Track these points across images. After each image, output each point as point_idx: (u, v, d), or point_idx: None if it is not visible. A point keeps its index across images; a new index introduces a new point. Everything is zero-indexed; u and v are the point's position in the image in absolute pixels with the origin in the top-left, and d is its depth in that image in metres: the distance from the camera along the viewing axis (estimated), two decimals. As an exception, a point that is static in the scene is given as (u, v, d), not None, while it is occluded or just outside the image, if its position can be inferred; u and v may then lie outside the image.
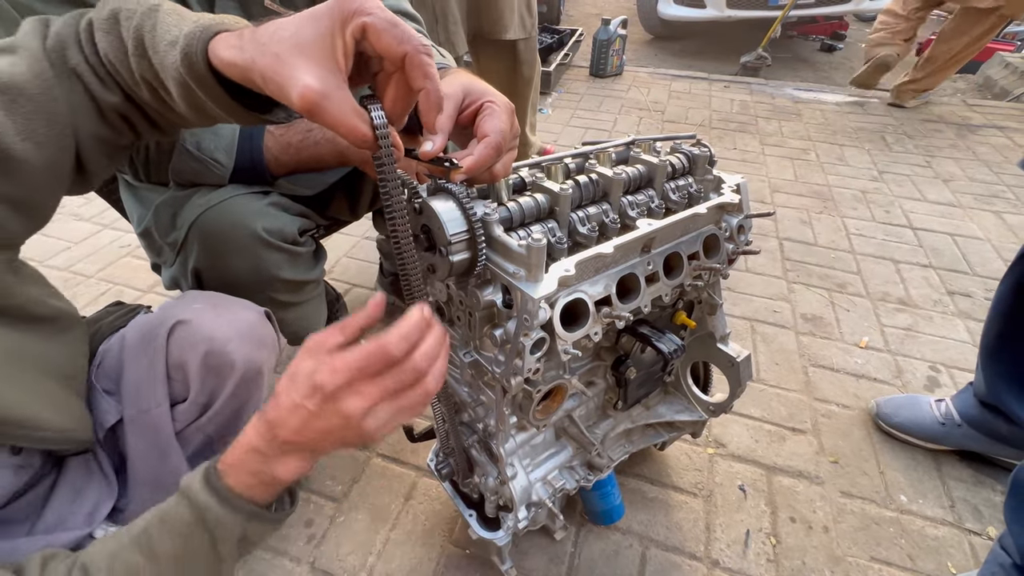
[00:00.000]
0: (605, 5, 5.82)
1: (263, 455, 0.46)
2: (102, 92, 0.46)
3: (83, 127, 0.47)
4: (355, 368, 0.41)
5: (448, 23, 1.54)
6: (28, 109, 0.42)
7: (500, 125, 0.52)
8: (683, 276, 0.69)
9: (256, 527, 0.48)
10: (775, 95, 3.00)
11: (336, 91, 0.37)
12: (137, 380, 0.66)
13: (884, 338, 1.41)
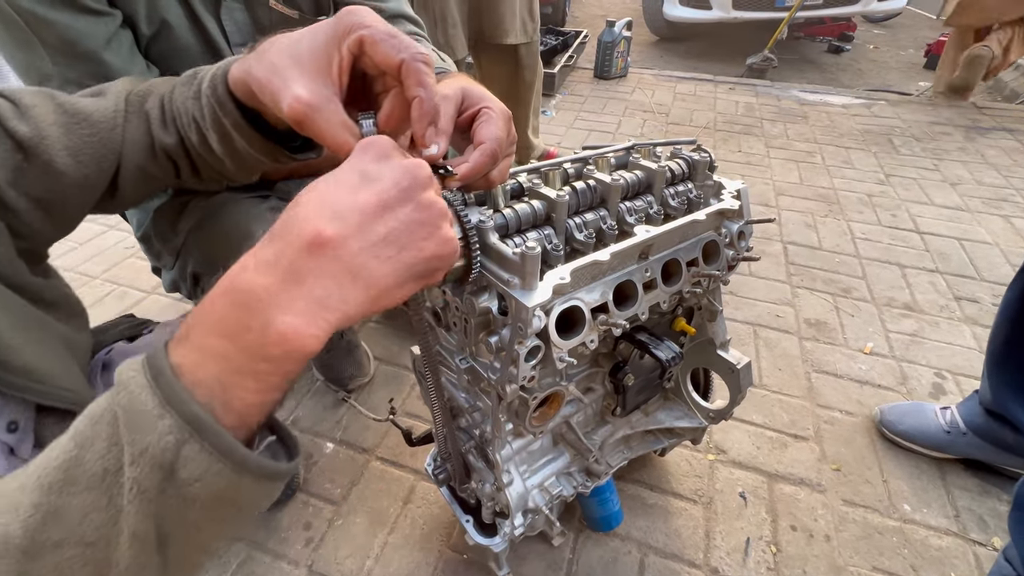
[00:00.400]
0: (611, 6, 5.81)
1: (257, 291, 0.28)
2: (161, 132, 0.51)
3: (132, 158, 0.52)
4: None
5: (447, 26, 1.54)
6: (86, 133, 0.48)
7: (496, 132, 0.51)
8: (682, 283, 0.69)
9: (193, 450, 0.26)
10: (781, 97, 2.98)
11: (326, 103, 0.37)
12: None
13: (889, 344, 1.39)
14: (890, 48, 4.51)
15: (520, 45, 1.71)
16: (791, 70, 3.83)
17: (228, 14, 0.76)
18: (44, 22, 0.59)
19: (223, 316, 0.29)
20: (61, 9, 0.60)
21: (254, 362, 0.28)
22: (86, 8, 0.62)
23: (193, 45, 0.76)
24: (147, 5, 0.69)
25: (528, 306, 0.49)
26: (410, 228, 0.32)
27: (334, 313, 0.29)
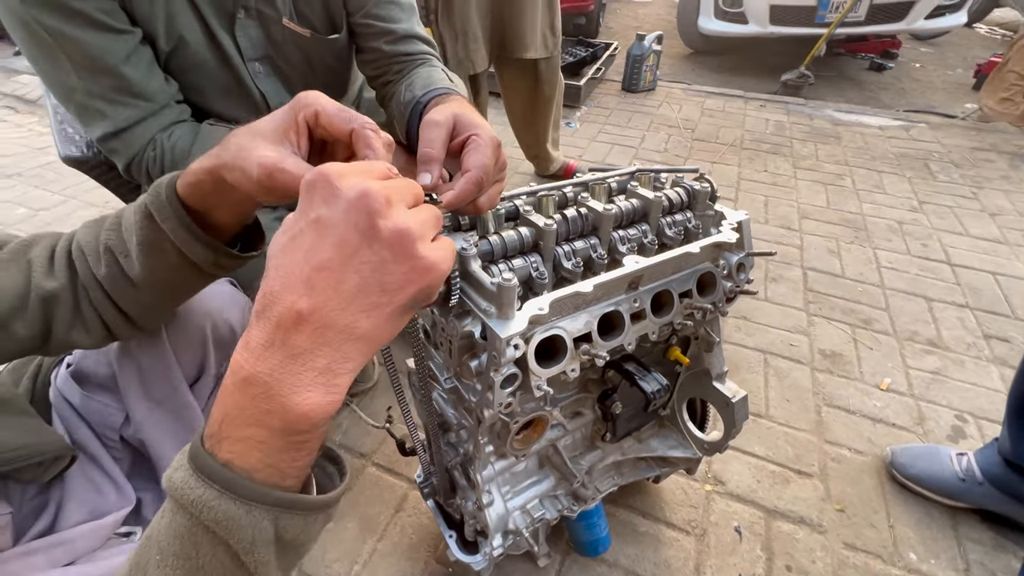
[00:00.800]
0: (646, 18, 5.77)
1: (263, 379, 0.30)
2: (42, 280, 0.50)
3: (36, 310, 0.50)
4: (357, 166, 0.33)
5: (469, 40, 1.57)
6: None
7: (483, 160, 0.52)
8: (673, 315, 0.68)
9: (288, 520, 0.32)
10: (813, 116, 2.90)
11: (290, 157, 0.40)
12: (140, 381, 0.68)
13: (908, 381, 1.34)
14: (937, 67, 4.34)
15: (540, 59, 1.72)
16: (828, 88, 3.72)
17: (242, 31, 0.80)
18: (70, 39, 0.63)
19: (245, 407, 0.31)
20: (84, 27, 0.65)
21: (288, 438, 0.31)
22: (108, 26, 0.67)
23: (209, 60, 0.79)
24: (165, 23, 0.73)
25: (502, 336, 0.49)
26: (382, 269, 0.31)
27: (342, 375, 0.31)
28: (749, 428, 1.20)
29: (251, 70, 0.84)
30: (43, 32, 0.63)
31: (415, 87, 0.80)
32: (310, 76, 0.90)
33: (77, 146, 0.86)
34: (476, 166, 0.52)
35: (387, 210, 0.30)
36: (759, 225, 1.95)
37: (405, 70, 0.87)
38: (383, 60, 0.88)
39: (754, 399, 1.27)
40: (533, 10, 1.62)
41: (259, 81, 0.86)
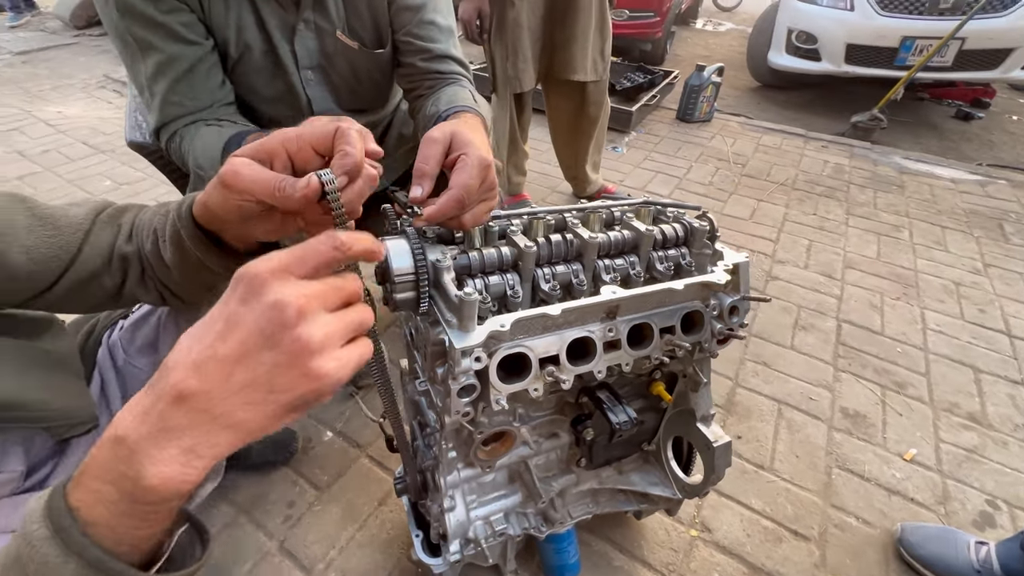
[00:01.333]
0: (717, 48, 5.68)
1: (131, 442, 0.31)
2: (123, 243, 0.57)
3: (87, 263, 0.56)
4: (291, 259, 0.34)
5: (518, 60, 1.63)
6: (47, 234, 0.52)
7: (466, 180, 0.55)
8: (651, 349, 0.68)
9: None
10: (879, 162, 2.75)
11: (256, 164, 0.43)
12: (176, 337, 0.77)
13: (937, 455, 1.23)
14: (1034, 121, 3.99)
15: (589, 82, 1.75)
16: (904, 133, 3.51)
17: (301, 41, 0.88)
18: (151, 47, 0.73)
19: (105, 462, 0.31)
20: (165, 38, 0.75)
21: (135, 505, 0.31)
22: (184, 38, 0.77)
23: (266, 67, 0.88)
24: (236, 34, 0.82)
25: (457, 347, 0.52)
26: (274, 372, 0.32)
27: (204, 459, 0.31)
28: (748, 479, 1.15)
29: (303, 77, 0.92)
30: (132, 39, 0.74)
31: (440, 103, 0.86)
32: (355, 86, 0.97)
33: (142, 133, 0.97)
34: (459, 185, 0.55)
35: (296, 321, 0.32)
36: (796, 270, 1.87)
37: (436, 87, 0.93)
38: (417, 75, 0.94)
39: (759, 449, 1.22)
40: (584, 36, 1.65)
41: (309, 88, 0.93)
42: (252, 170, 0.43)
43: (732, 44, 5.78)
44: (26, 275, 0.52)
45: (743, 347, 1.51)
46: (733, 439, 1.23)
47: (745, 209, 2.25)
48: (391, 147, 1.13)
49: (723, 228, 2.10)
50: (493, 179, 0.60)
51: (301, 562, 0.98)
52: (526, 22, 1.60)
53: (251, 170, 0.43)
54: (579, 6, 1.61)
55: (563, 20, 1.64)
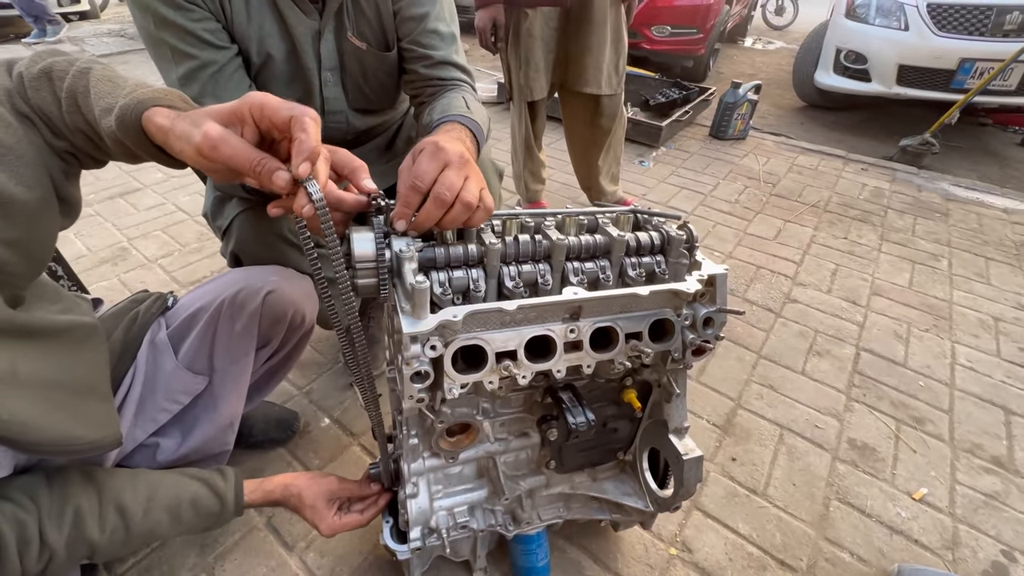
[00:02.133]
0: (763, 66, 5.56)
1: (263, 505, 0.80)
2: (50, 136, 0.55)
3: (48, 163, 0.54)
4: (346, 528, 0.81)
5: (530, 69, 1.66)
6: (11, 157, 0.49)
7: (418, 168, 0.58)
8: (615, 353, 0.68)
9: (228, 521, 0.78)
10: (923, 187, 2.61)
11: (233, 137, 0.47)
12: (229, 339, 0.84)
13: (951, 497, 1.16)
14: (1111, 152, 3.67)
15: (603, 96, 1.76)
16: (958, 159, 3.32)
17: (324, 45, 0.94)
18: (181, 52, 0.81)
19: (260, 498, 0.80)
20: (193, 44, 0.82)
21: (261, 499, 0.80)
22: (211, 44, 0.84)
23: (286, 72, 0.94)
24: (258, 43, 0.89)
25: (404, 331, 0.54)
26: (304, 512, 0.84)
27: None
28: (738, 502, 1.12)
29: (323, 79, 0.98)
30: (166, 45, 0.81)
31: (434, 112, 0.89)
32: (364, 86, 1.02)
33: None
34: (412, 175, 0.58)
35: None
36: (818, 294, 1.80)
37: (438, 93, 0.97)
38: (420, 82, 0.99)
39: (753, 473, 1.18)
40: (600, 50, 1.67)
41: (326, 89, 1.00)
42: (230, 145, 0.47)
43: (780, 63, 5.64)
44: (38, 202, 0.51)
45: (750, 368, 1.47)
46: (727, 461, 1.21)
47: (770, 229, 2.18)
48: (400, 150, 1.18)
49: (744, 247, 2.05)
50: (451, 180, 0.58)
51: (284, 539, 1.02)
52: (539, 33, 1.64)
53: (229, 146, 0.47)
54: (594, 20, 1.63)
55: (577, 33, 1.67)
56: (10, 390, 0.49)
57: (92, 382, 0.63)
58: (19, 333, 0.52)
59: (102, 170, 2.38)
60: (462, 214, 0.60)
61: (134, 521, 0.66)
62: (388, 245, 0.59)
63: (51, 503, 0.59)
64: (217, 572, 0.95)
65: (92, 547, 0.62)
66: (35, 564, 0.58)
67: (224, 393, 0.88)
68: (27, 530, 0.56)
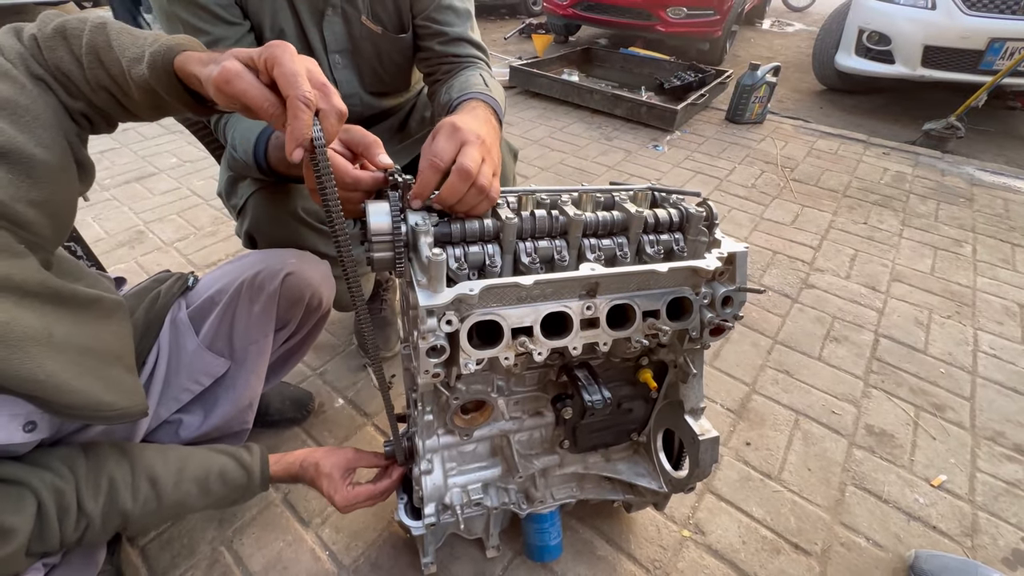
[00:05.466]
0: (782, 49, 5.42)
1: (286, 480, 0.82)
2: (66, 98, 0.54)
3: (64, 126, 0.54)
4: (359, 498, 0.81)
5: None
6: (28, 118, 0.49)
7: (435, 147, 0.58)
8: (632, 331, 0.67)
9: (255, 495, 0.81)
10: (947, 172, 2.54)
11: (248, 74, 0.47)
12: (248, 320, 0.85)
13: (972, 485, 1.14)
14: None
15: None
16: (984, 144, 3.21)
17: (329, 26, 0.93)
18: (195, 28, 0.80)
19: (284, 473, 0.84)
20: (207, 19, 0.81)
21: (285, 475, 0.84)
22: (224, 19, 0.83)
23: (298, 51, 0.94)
24: (271, 18, 0.88)
25: (421, 304, 0.54)
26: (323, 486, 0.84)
27: None
28: (752, 486, 1.11)
29: (331, 61, 0.97)
30: (178, 21, 0.81)
31: (452, 90, 0.88)
32: (379, 69, 1.01)
33: (188, 106, 1.06)
34: (429, 154, 0.58)
35: None
36: (836, 279, 1.76)
37: (453, 71, 0.95)
38: (435, 59, 0.97)
39: (768, 458, 1.17)
40: None
41: (336, 71, 0.99)
42: (244, 81, 0.48)
43: (800, 46, 5.50)
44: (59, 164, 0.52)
45: (765, 353, 1.45)
46: (741, 445, 1.20)
47: (787, 214, 2.14)
48: (413, 129, 1.17)
49: (760, 232, 2.01)
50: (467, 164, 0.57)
51: (300, 515, 1.03)
52: None
53: (243, 81, 0.47)
54: None
55: None
56: (46, 351, 0.50)
57: (119, 352, 0.65)
58: (52, 298, 0.53)
59: (118, 155, 2.41)
60: (475, 197, 0.60)
61: (165, 492, 0.68)
62: (404, 219, 0.59)
63: (88, 473, 0.61)
64: (235, 546, 0.97)
65: (125, 516, 0.64)
66: (73, 532, 0.60)
67: (243, 373, 0.89)
68: (65, 498, 0.58)
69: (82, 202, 2.05)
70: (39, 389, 0.49)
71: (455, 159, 0.58)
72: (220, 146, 1.07)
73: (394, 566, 0.95)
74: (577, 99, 3.13)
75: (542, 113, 3.13)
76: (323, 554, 0.97)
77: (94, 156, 2.11)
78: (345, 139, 0.61)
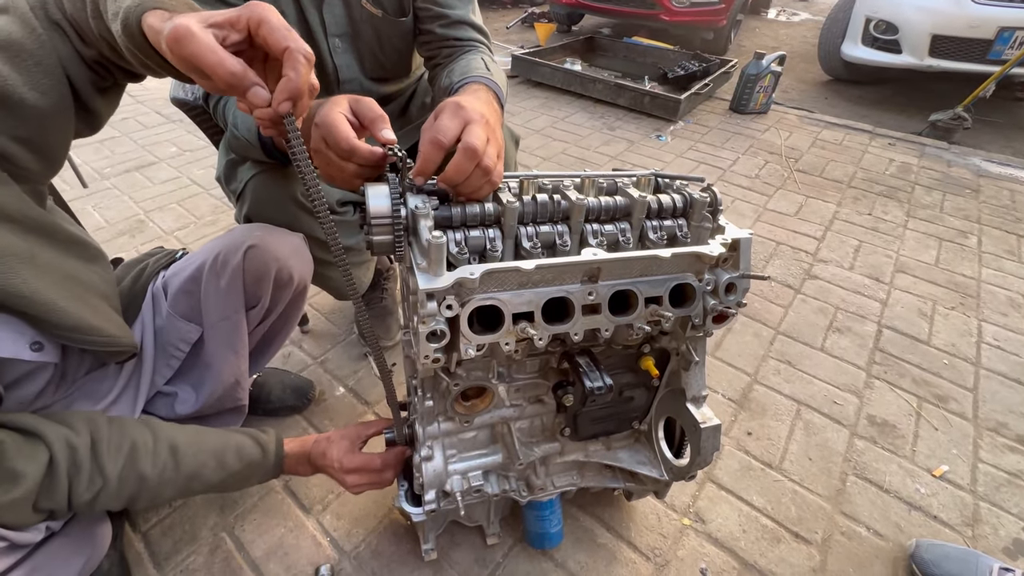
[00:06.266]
0: (787, 39, 5.36)
1: (300, 460, 0.83)
2: (81, 45, 0.54)
3: (75, 73, 0.54)
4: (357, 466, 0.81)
5: None
6: (29, 63, 0.50)
7: (439, 124, 0.58)
8: (634, 317, 0.67)
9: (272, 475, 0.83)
10: (953, 163, 2.51)
11: (205, 33, 0.43)
12: (217, 295, 0.84)
13: (973, 475, 1.13)
14: None
15: None
16: (992, 135, 3.18)
17: (329, 9, 0.91)
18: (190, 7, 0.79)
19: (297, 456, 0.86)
20: (207, 1, 0.80)
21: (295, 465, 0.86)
22: (226, 1, 0.81)
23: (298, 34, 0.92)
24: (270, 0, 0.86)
25: (420, 287, 0.53)
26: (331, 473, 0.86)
27: None
28: (753, 475, 1.11)
29: (331, 45, 0.96)
30: None
31: (453, 74, 0.87)
32: (379, 54, 1.00)
33: (185, 91, 1.05)
34: (431, 129, 0.58)
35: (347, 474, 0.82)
36: (840, 270, 1.75)
37: (454, 55, 0.94)
38: (436, 43, 0.96)
39: (769, 448, 1.17)
40: None
41: (336, 56, 0.97)
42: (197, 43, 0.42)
43: (805, 35, 5.43)
44: (52, 108, 0.53)
45: (767, 344, 1.44)
46: (743, 435, 1.19)
47: (791, 205, 2.13)
48: (414, 115, 1.16)
49: (764, 223, 2.00)
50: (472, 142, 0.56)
51: (301, 501, 1.04)
52: None
53: (196, 43, 0.42)
54: None
55: None
56: (30, 269, 0.52)
57: (104, 292, 0.68)
58: (35, 228, 0.55)
59: (118, 144, 2.40)
60: (480, 177, 0.59)
61: (184, 460, 0.70)
62: (404, 202, 0.58)
63: (111, 436, 0.64)
64: (237, 532, 0.98)
65: (143, 480, 0.66)
66: (85, 490, 0.61)
67: (220, 350, 0.88)
68: (78, 454, 0.60)
69: (82, 190, 2.04)
70: (25, 305, 0.51)
71: (459, 138, 0.57)
72: (219, 132, 1.06)
73: (395, 553, 0.95)
74: (580, 88, 3.10)
75: (544, 103, 3.11)
76: (324, 540, 0.97)
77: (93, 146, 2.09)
78: (355, 108, 0.60)
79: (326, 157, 0.60)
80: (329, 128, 0.57)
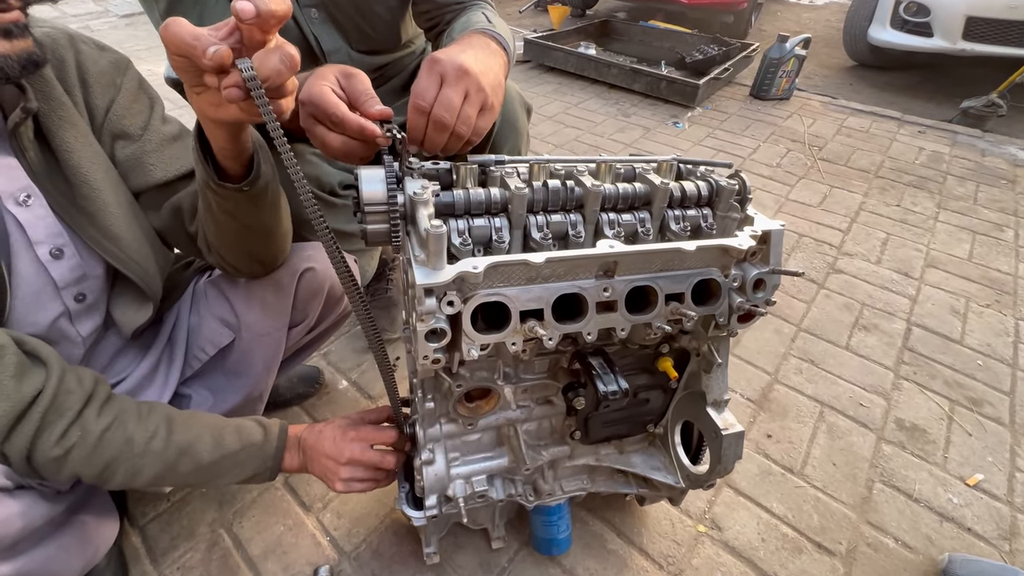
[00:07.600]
0: (810, 23, 5.16)
1: (299, 449, 0.76)
2: None
3: None
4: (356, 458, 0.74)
5: None
6: None
7: (419, 85, 0.54)
8: (654, 316, 0.61)
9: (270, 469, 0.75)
10: (987, 152, 2.39)
11: (179, 20, 0.41)
12: (263, 310, 0.82)
13: (1011, 485, 1.07)
14: None
15: None
16: (1027, 123, 3.02)
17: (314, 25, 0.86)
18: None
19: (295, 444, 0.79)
20: None
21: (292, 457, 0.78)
22: None
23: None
24: None
25: (418, 282, 0.48)
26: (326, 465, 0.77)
27: None
28: (773, 481, 1.05)
29: (306, 16, 0.89)
30: None
31: (453, 32, 0.81)
32: (362, 24, 0.93)
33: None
34: (412, 93, 0.54)
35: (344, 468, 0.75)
36: (866, 264, 1.67)
37: (456, 19, 0.88)
38: (436, 10, 0.90)
39: (790, 452, 1.11)
40: None
41: (313, 26, 0.91)
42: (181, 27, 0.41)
43: (829, 19, 5.24)
44: None
45: (789, 341, 1.37)
46: (762, 437, 1.13)
47: (814, 195, 2.03)
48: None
49: (786, 214, 1.91)
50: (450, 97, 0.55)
51: (301, 499, 1.01)
52: None
53: (179, 26, 0.41)
54: None
55: None
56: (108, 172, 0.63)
57: (158, 245, 0.74)
58: None
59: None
60: (455, 143, 0.57)
61: (177, 428, 0.66)
62: (401, 188, 0.53)
63: (106, 396, 0.62)
64: (235, 528, 0.95)
65: (127, 444, 0.61)
66: (55, 444, 0.56)
67: (252, 364, 0.86)
68: (70, 398, 0.57)
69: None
70: None
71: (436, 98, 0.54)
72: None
73: (396, 554, 0.92)
74: (594, 73, 3.00)
75: (557, 88, 3.02)
76: (324, 539, 0.94)
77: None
78: (345, 85, 0.56)
79: (321, 138, 0.56)
80: (315, 101, 0.52)
